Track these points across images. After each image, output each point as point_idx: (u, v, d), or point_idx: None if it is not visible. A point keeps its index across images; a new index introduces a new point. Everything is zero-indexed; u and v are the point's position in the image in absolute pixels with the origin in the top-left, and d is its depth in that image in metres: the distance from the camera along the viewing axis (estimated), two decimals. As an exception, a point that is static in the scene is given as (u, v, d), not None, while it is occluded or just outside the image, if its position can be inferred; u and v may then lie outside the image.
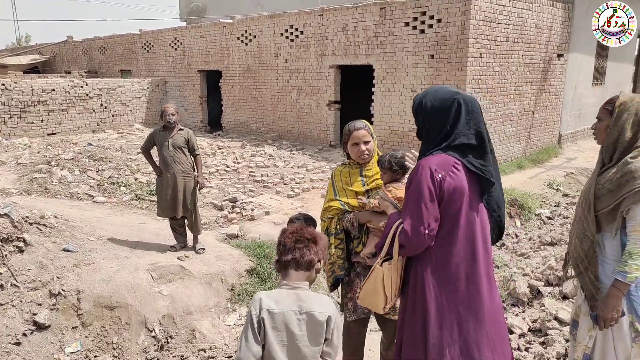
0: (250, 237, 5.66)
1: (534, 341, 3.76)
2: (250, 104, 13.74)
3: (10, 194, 6.87)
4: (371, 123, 11.08)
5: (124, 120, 15.13)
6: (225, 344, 3.91)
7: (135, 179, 8.12)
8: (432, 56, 9.26)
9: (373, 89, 10.49)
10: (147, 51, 17.04)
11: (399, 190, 2.49)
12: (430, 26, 9.21)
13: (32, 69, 21.17)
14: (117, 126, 14.85)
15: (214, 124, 15.52)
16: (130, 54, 17.82)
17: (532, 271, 4.85)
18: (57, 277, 3.98)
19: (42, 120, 13.16)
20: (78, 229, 5.07)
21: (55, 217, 5.00)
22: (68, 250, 4.40)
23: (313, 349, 1.87)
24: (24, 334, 3.52)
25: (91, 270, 4.21)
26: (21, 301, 3.70)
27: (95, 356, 3.61)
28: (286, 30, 12.25)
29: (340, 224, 2.74)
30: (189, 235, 5.26)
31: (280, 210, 6.73)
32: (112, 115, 14.83)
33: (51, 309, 3.75)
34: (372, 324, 3.28)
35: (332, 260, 2.77)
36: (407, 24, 9.61)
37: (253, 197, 7.43)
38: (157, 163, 5.16)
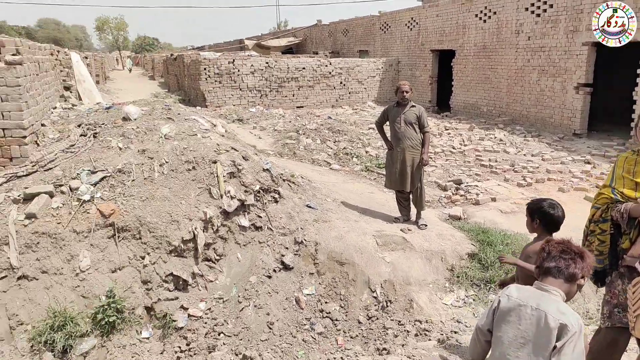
0: (473, 221, 5.50)
1: None
2: (483, 85, 13.09)
3: (268, 155, 8.19)
4: (633, 111, 9.32)
5: (358, 97, 16.30)
6: (441, 321, 3.94)
7: (366, 152, 8.72)
8: None
9: (639, 70, 8.76)
10: (384, 32, 17.78)
11: None
12: None
13: (288, 50, 24.48)
14: (352, 103, 16.10)
15: (441, 104, 15.37)
16: (369, 35, 18.90)
17: None
18: (301, 228, 4.62)
19: (293, 95, 15.22)
20: (318, 190, 5.74)
21: (302, 177, 5.76)
22: (310, 207, 5.04)
23: (537, 350, 1.80)
24: (274, 270, 4.23)
25: (327, 227, 4.75)
26: (274, 242, 4.43)
27: (326, 302, 4.10)
28: (532, 4, 11.15)
29: (608, 213, 2.45)
30: (413, 210, 5.41)
31: (508, 199, 6.33)
32: (349, 93, 16.13)
33: (294, 254, 4.39)
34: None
35: (589, 248, 2.52)
36: None
37: (479, 181, 7.15)
38: (389, 137, 5.42)
